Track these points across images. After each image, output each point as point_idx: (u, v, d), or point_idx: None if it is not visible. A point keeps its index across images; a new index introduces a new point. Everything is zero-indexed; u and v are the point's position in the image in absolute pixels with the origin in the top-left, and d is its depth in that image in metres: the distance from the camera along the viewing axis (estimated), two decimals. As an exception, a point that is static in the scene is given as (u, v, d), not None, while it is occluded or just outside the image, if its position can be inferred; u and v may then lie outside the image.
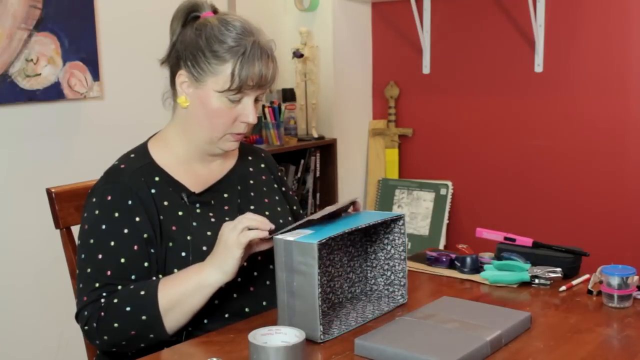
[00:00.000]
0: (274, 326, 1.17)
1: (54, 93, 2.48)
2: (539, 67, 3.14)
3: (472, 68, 3.34)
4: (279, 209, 1.61)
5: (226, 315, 1.44)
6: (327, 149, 3.42)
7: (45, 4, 2.41)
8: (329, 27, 3.42)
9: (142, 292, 1.34)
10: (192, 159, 1.52)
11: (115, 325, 1.33)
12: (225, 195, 1.53)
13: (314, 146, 3.36)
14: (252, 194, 1.58)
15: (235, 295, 1.46)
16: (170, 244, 1.42)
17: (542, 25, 3.09)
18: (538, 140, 3.18)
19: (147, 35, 2.79)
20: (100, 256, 1.37)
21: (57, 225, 1.60)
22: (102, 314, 1.33)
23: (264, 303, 1.49)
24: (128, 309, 1.32)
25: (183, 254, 1.42)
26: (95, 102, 2.64)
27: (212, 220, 1.47)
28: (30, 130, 2.47)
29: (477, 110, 3.35)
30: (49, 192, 1.60)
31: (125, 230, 1.39)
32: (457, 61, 3.38)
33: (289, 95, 3.33)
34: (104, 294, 1.35)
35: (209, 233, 1.44)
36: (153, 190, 1.44)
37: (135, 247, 1.39)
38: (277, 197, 1.63)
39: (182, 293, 1.34)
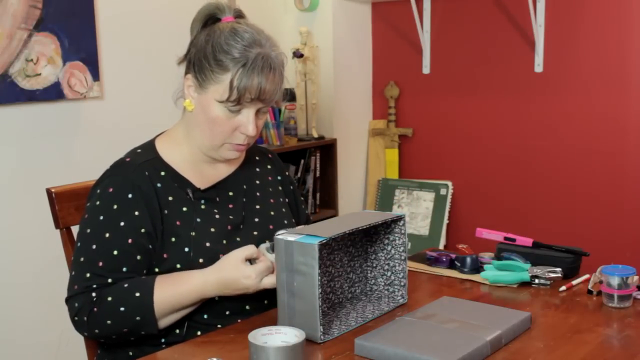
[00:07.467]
0: (274, 326, 1.18)
1: (54, 93, 2.48)
2: (539, 67, 3.13)
3: (472, 68, 3.34)
4: (283, 209, 1.62)
5: (227, 313, 1.45)
6: (327, 149, 3.42)
7: (45, 4, 2.41)
8: (329, 27, 3.42)
9: (138, 294, 1.35)
10: (198, 159, 1.52)
11: (108, 322, 1.36)
12: (231, 193, 1.54)
13: (314, 146, 3.36)
14: (257, 193, 1.59)
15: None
16: (174, 239, 1.42)
17: (542, 25, 3.09)
18: (538, 140, 3.18)
19: (147, 35, 2.79)
20: (94, 246, 1.39)
21: (57, 225, 1.60)
22: (95, 309, 1.36)
23: (265, 302, 1.49)
24: (122, 309, 1.35)
25: (186, 249, 1.42)
26: (95, 102, 2.64)
27: (217, 216, 1.48)
28: (30, 130, 2.46)
29: (477, 110, 3.34)
30: (49, 192, 1.60)
31: (122, 223, 1.40)
32: (457, 61, 3.38)
33: (289, 95, 3.33)
34: (94, 286, 1.37)
35: (212, 229, 1.45)
36: (159, 185, 1.45)
37: (130, 241, 1.40)
38: (281, 199, 1.63)
39: (179, 302, 1.37)
